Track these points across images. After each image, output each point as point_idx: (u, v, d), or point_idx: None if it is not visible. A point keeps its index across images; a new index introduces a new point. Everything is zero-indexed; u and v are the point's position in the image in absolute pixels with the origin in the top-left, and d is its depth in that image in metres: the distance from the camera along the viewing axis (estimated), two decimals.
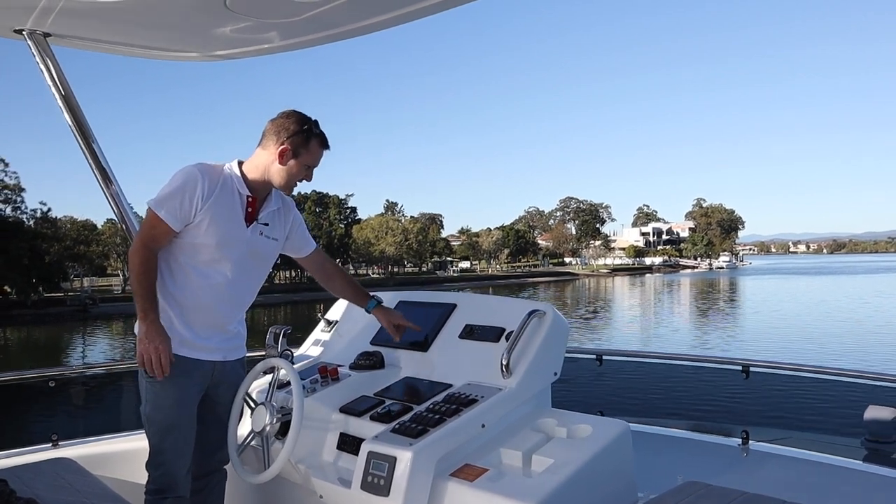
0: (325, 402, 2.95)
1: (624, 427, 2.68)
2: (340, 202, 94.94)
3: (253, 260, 2.92)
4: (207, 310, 2.84)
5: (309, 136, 2.83)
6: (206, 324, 2.85)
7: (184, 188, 2.71)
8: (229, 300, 2.88)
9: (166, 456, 2.77)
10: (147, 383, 2.78)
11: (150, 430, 2.80)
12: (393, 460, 2.44)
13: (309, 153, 2.84)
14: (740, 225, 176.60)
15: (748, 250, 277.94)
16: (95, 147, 3.58)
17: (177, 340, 2.77)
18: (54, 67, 3.46)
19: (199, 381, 2.85)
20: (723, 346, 29.07)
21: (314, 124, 2.86)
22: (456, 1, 3.04)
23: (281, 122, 2.83)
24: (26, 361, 33.86)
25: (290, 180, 2.87)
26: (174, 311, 2.80)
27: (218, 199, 2.76)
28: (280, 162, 2.81)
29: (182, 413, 2.80)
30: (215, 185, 2.77)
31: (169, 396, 2.77)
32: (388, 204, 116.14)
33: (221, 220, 2.77)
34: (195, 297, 2.81)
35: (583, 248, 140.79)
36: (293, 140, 2.80)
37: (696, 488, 2.43)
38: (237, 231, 2.83)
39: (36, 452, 3.48)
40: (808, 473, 3.16)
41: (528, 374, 2.80)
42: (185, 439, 2.81)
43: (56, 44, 3.46)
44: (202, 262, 2.80)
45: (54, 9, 3.07)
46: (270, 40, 3.55)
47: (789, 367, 3.85)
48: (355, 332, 3.51)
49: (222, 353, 2.91)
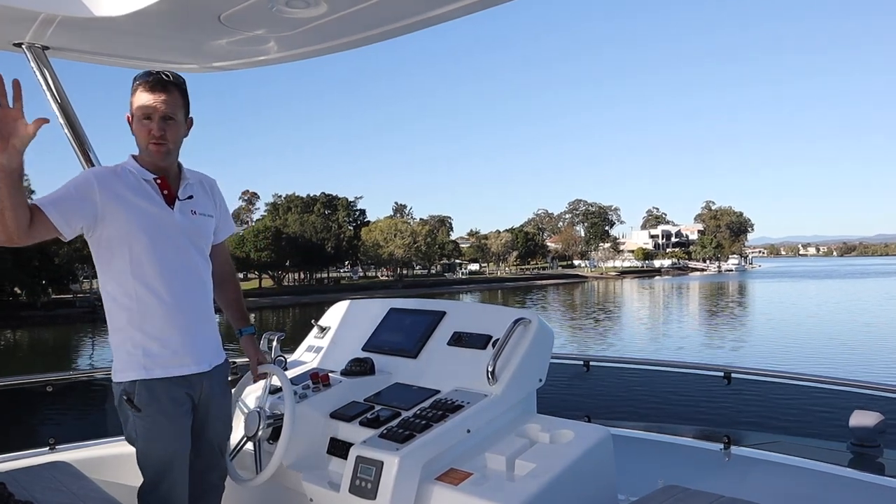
0: (316, 407, 3.00)
1: (605, 432, 2.73)
2: (349, 204, 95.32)
3: (193, 241, 2.70)
4: (169, 313, 2.59)
5: (134, 88, 2.61)
6: (175, 330, 2.61)
7: (75, 185, 2.52)
8: (188, 293, 2.66)
9: (166, 486, 2.60)
10: (134, 416, 2.56)
11: (147, 463, 2.60)
12: (380, 465, 2.51)
13: (136, 104, 2.59)
14: (749, 227, 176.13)
15: (757, 253, 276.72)
16: (92, 156, 3.65)
17: (155, 363, 2.56)
18: (52, 79, 3.53)
19: (186, 402, 2.64)
20: (727, 352, 29.02)
21: (138, 74, 2.63)
22: (450, 15, 3.10)
23: None
24: (36, 363, 34.05)
25: (140, 141, 2.61)
26: (138, 333, 2.57)
27: (118, 188, 2.56)
28: (132, 130, 2.64)
29: (180, 445, 2.61)
30: (109, 178, 2.57)
31: (161, 430, 2.57)
32: (397, 206, 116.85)
33: (137, 209, 2.57)
34: (151, 305, 2.58)
35: (592, 251, 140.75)
36: (130, 102, 2.63)
37: (675, 492, 2.49)
38: (163, 216, 2.62)
39: (34, 456, 3.54)
40: (790, 478, 3.20)
41: (513, 381, 2.85)
42: (182, 471, 2.63)
43: (54, 56, 3.52)
44: (141, 261, 2.56)
45: (53, 22, 3.15)
46: (267, 52, 3.61)
47: (770, 373, 3.90)
48: (347, 338, 3.58)
49: (206, 361, 2.71)
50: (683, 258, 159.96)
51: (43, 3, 3.01)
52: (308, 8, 2.95)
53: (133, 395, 2.56)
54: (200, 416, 2.71)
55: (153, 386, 2.56)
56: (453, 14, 3.09)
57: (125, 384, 2.58)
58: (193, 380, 2.66)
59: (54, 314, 52.82)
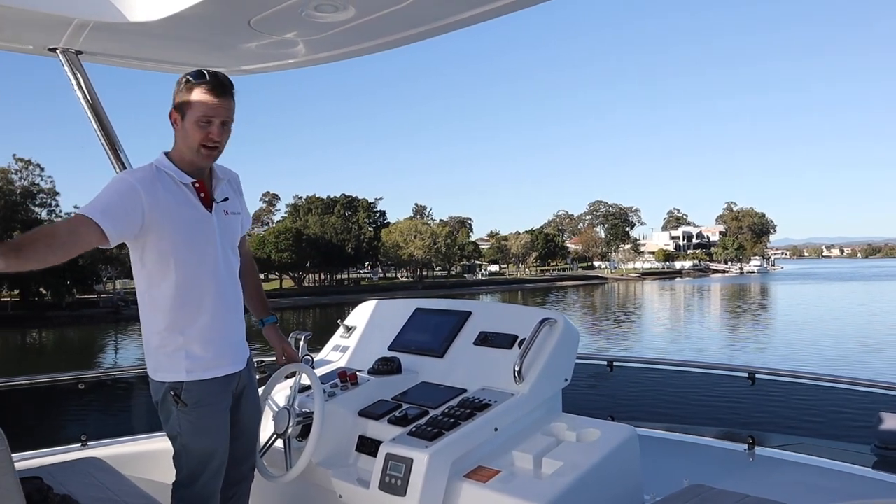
0: (344, 405, 3.05)
1: (631, 432, 2.76)
2: (369, 205, 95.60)
3: (229, 242, 2.72)
4: (211, 317, 2.63)
5: (190, 87, 2.52)
6: (216, 333, 2.66)
7: (120, 196, 2.46)
8: (226, 295, 2.70)
9: (203, 481, 2.64)
10: (179, 413, 2.60)
11: (188, 458, 2.63)
12: (410, 462, 2.55)
13: (193, 106, 2.52)
14: (772, 229, 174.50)
15: (780, 254, 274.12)
16: (123, 157, 3.73)
17: (199, 365, 2.59)
18: (85, 83, 3.61)
19: (229, 398, 2.72)
20: (750, 353, 28.81)
21: (194, 73, 2.54)
22: (475, 19, 3.13)
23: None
24: (61, 361, 34.51)
25: (191, 144, 2.55)
26: (180, 336, 2.59)
27: (160, 195, 2.52)
28: (176, 128, 2.58)
29: (221, 438, 2.67)
30: (151, 184, 2.52)
31: (207, 424, 2.63)
32: (417, 207, 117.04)
33: (180, 216, 2.56)
34: (193, 309, 2.60)
35: (612, 252, 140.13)
36: (177, 100, 2.55)
37: (701, 491, 2.51)
38: (203, 220, 2.62)
39: (67, 452, 3.62)
40: (815, 479, 3.20)
41: (539, 380, 2.89)
42: (222, 462, 2.69)
43: (87, 61, 3.61)
44: (182, 266, 2.57)
45: (86, 28, 3.22)
46: (295, 55, 3.67)
47: (794, 374, 3.89)
48: (374, 338, 3.62)
49: (241, 359, 2.78)
50: (705, 260, 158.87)
51: (77, 9, 3.08)
52: (336, 12, 2.99)
53: (180, 392, 2.59)
54: (234, 404, 2.77)
55: (198, 385, 2.59)
56: (479, 18, 3.13)
57: (169, 383, 2.61)
58: (234, 379, 2.73)
59: (79, 314, 53.52)
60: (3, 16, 3.06)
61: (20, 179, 54.45)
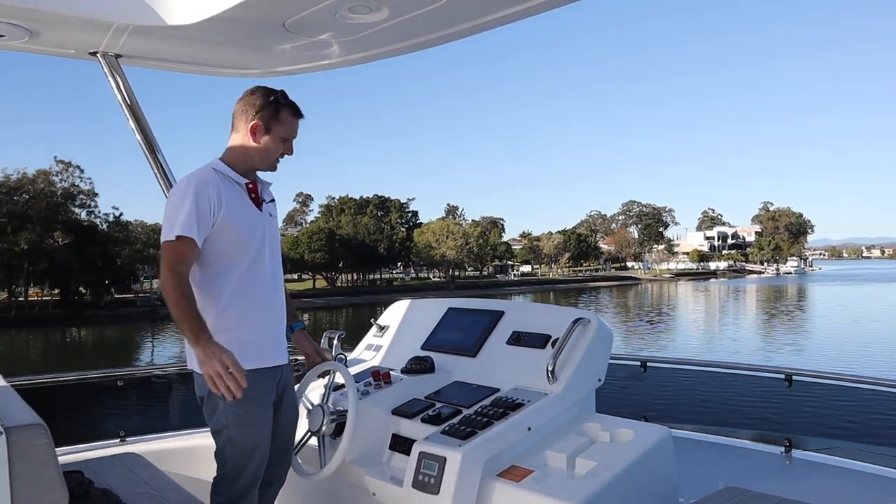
0: (378, 404, 3.06)
1: (665, 432, 2.74)
2: (402, 206, 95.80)
3: (274, 242, 2.88)
4: (261, 310, 2.77)
5: (278, 107, 2.74)
6: (266, 326, 2.79)
7: (195, 201, 2.61)
8: (273, 290, 2.83)
9: (246, 474, 2.71)
10: (226, 406, 2.64)
11: (232, 451, 2.70)
12: (443, 460, 2.56)
13: (281, 125, 2.75)
14: (809, 229, 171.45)
15: (818, 255, 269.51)
16: (160, 157, 3.80)
17: (245, 355, 2.60)
18: (124, 85, 3.69)
19: (273, 392, 2.80)
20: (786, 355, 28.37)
21: (281, 94, 2.77)
22: (509, 18, 3.13)
23: (247, 99, 2.76)
24: (100, 359, 35.14)
25: (269, 156, 2.78)
26: (233, 328, 2.69)
27: (228, 198, 2.68)
28: (254, 140, 2.74)
29: (265, 432, 2.75)
30: (219, 185, 2.68)
31: (253, 417, 2.70)
32: (450, 208, 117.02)
33: (241, 217, 2.71)
34: (245, 303, 2.73)
35: (645, 253, 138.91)
36: (262, 115, 2.72)
37: (736, 493, 2.48)
38: (255, 219, 2.78)
39: (105, 448, 3.69)
40: (853, 483, 3.15)
41: (572, 380, 2.88)
42: (264, 458, 2.76)
43: (126, 64, 3.68)
44: (237, 262, 2.71)
45: (125, 32, 3.29)
46: (330, 56, 3.70)
47: (832, 376, 3.83)
48: (406, 337, 3.64)
49: (285, 353, 2.88)
50: (740, 260, 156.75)
51: (117, 13, 3.15)
52: (370, 13, 3.02)
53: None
54: (276, 402, 2.85)
55: (249, 376, 2.58)
56: (512, 17, 3.13)
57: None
58: (277, 371, 2.84)
59: (117, 313, 54.45)
60: (47, 21, 3.14)
61: (61, 181, 55.50)
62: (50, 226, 52.39)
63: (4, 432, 1.96)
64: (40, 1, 2.94)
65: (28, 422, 2.06)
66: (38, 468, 1.99)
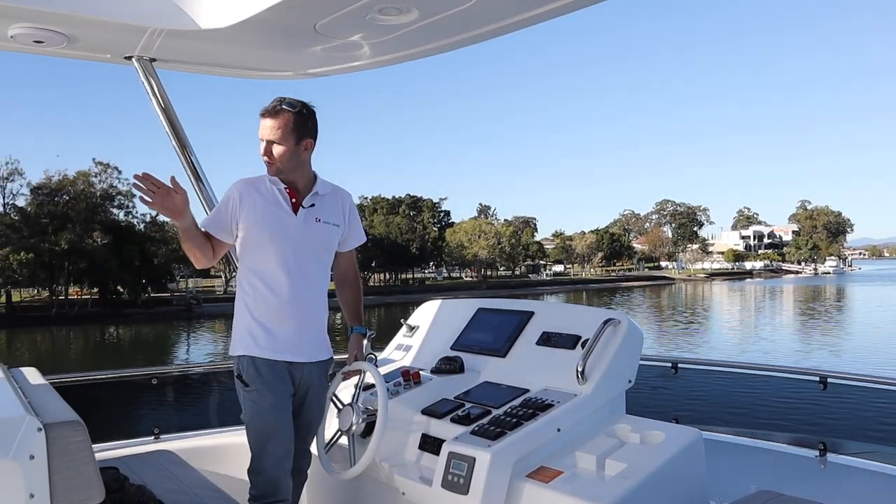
0: (407, 404, 3.08)
1: (696, 435, 2.71)
2: (434, 206, 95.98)
3: (311, 246, 2.99)
4: (278, 306, 2.91)
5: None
6: (280, 321, 2.90)
7: (222, 201, 2.99)
8: (297, 290, 2.94)
9: (267, 462, 2.83)
10: (244, 392, 2.87)
11: (251, 436, 2.87)
12: (472, 461, 2.56)
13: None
14: (849, 228, 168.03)
15: (858, 255, 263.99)
16: (193, 159, 3.86)
17: (261, 345, 2.87)
18: (158, 90, 3.76)
19: (287, 385, 2.91)
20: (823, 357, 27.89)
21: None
22: (538, 18, 3.13)
23: None
24: (138, 357, 35.71)
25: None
26: (252, 320, 2.91)
27: (253, 196, 2.93)
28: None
29: (280, 418, 2.86)
30: (249, 187, 2.95)
31: (266, 402, 2.84)
32: (482, 207, 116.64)
33: (265, 213, 2.92)
34: (264, 297, 2.91)
35: (679, 252, 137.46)
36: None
37: (769, 497, 2.45)
38: (286, 219, 2.93)
39: (140, 445, 3.76)
40: (891, 489, 3.09)
41: (602, 381, 2.87)
42: (284, 444, 2.87)
43: (160, 67, 3.75)
44: (262, 259, 2.92)
45: (160, 36, 3.35)
46: (360, 58, 3.73)
47: (869, 379, 3.76)
48: (436, 337, 3.64)
49: (306, 354, 2.97)
50: (777, 260, 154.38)
51: (151, 18, 3.21)
52: (400, 14, 3.04)
53: (242, 371, 2.88)
54: (297, 400, 2.98)
55: (258, 363, 2.87)
56: (541, 17, 3.13)
57: (236, 358, 2.92)
58: (292, 366, 2.94)
59: (153, 312, 55.28)
60: (84, 27, 3.21)
61: (100, 182, 56.53)
62: (89, 226, 53.44)
63: (44, 429, 2.01)
64: (78, 7, 3.01)
65: (66, 419, 2.11)
66: (75, 464, 2.05)
